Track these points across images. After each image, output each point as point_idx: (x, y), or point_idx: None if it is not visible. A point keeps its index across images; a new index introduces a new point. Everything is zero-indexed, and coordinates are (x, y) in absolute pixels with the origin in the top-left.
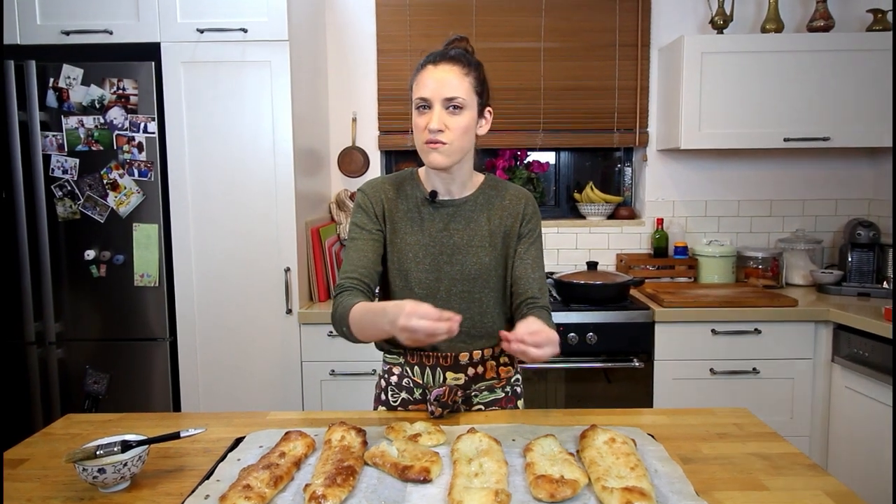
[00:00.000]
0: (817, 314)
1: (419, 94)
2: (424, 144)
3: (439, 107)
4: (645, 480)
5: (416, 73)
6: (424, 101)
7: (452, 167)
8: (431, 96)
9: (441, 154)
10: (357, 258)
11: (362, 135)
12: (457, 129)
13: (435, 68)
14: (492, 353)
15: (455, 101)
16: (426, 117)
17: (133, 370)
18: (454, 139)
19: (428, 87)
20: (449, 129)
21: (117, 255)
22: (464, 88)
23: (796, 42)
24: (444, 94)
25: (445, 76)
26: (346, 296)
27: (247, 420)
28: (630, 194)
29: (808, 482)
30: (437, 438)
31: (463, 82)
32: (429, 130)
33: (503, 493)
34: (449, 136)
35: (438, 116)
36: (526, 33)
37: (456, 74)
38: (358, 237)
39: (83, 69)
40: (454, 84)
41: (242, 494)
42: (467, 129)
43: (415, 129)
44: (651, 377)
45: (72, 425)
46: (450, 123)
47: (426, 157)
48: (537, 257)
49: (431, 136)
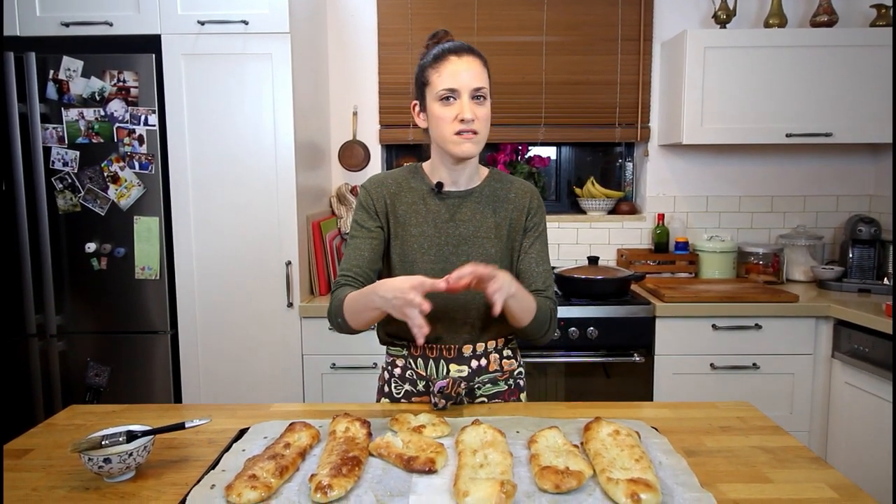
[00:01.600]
0: (818, 310)
1: (446, 85)
2: (455, 135)
3: (467, 97)
4: (650, 472)
5: (430, 63)
6: (452, 93)
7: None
8: (460, 87)
9: (473, 143)
10: (354, 256)
11: (363, 129)
12: (484, 119)
13: (459, 59)
14: (495, 346)
15: (481, 91)
16: (454, 108)
17: (134, 363)
18: (482, 129)
19: (456, 78)
20: (478, 118)
21: (118, 247)
22: (486, 79)
23: (799, 37)
24: (473, 84)
25: (471, 67)
26: (341, 290)
27: (250, 411)
28: (631, 189)
29: (811, 475)
30: (441, 430)
31: (484, 73)
32: (462, 121)
33: (509, 483)
34: (479, 125)
35: (469, 107)
36: (528, 27)
37: (479, 65)
38: (357, 235)
39: (83, 61)
40: (480, 74)
41: (248, 484)
42: (489, 119)
43: (439, 121)
44: (651, 372)
45: (75, 416)
46: (478, 113)
47: (457, 148)
48: (542, 251)
49: (466, 126)
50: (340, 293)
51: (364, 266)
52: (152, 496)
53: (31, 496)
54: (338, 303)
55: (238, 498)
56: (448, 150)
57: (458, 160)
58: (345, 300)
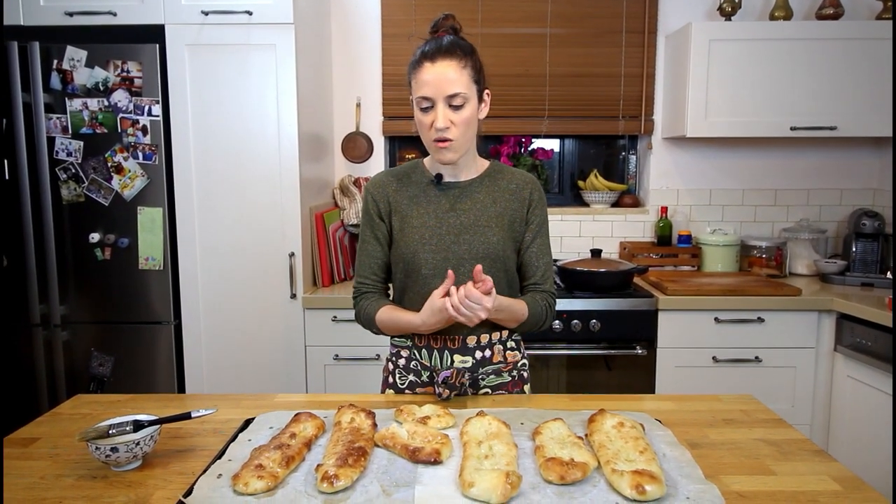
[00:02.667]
0: (820, 303)
1: (420, 93)
2: (433, 143)
3: (442, 105)
4: (654, 464)
5: (412, 68)
6: (427, 101)
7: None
8: (433, 95)
9: (450, 151)
10: (369, 264)
11: (366, 120)
12: (461, 124)
13: (433, 65)
14: (499, 337)
15: (457, 98)
16: (430, 116)
17: (138, 353)
18: (460, 134)
19: (429, 86)
20: (454, 124)
21: (122, 238)
22: (463, 82)
23: (805, 30)
24: (446, 91)
25: (444, 72)
26: (365, 299)
27: (255, 402)
28: (634, 182)
29: (814, 467)
30: (446, 421)
31: (462, 76)
32: (436, 129)
33: (514, 474)
34: (455, 132)
35: (443, 115)
36: (532, 19)
37: (454, 68)
38: (368, 240)
39: (87, 51)
40: (454, 79)
41: (255, 474)
42: (470, 122)
43: (420, 126)
44: (653, 365)
45: (80, 406)
46: (454, 119)
47: (436, 155)
48: (542, 244)
49: (440, 135)
50: (367, 306)
51: (380, 272)
52: (159, 485)
53: (39, 484)
54: (368, 317)
55: (245, 487)
56: (431, 154)
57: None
58: (376, 317)
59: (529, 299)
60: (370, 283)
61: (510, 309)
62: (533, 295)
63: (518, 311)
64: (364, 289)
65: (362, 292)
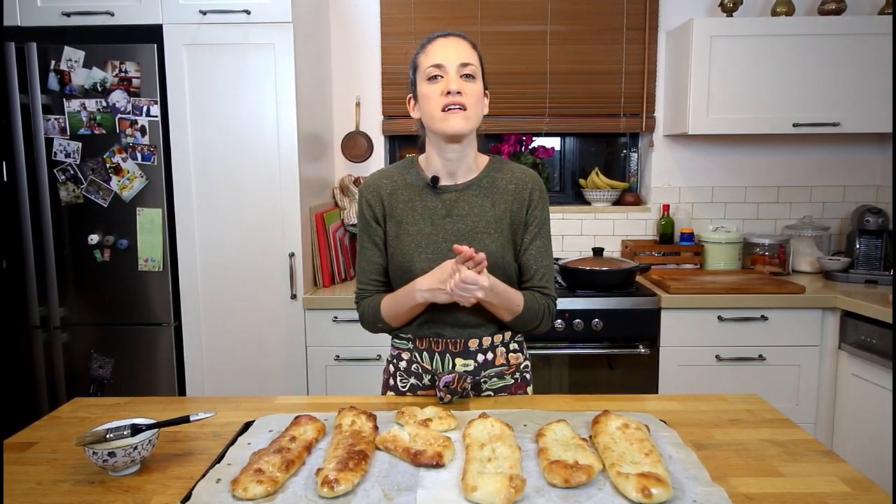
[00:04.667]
0: (824, 301)
1: (432, 61)
2: (442, 111)
3: (454, 72)
4: (660, 466)
5: (420, 50)
6: (439, 69)
7: (464, 141)
8: (446, 62)
9: (462, 118)
10: (369, 270)
11: (366, 119)
12: (473, 95)
13: (446, 39)
14: (501, 340)
15: (469, 68)
16: (441, 84)
17: (138, 355)
18: (472, 104)
19: (442, 54)
20: (466, 93)
21: (121, 239)
22: (475, 59)
23: (807, 25)
24: (460, 59)
25: (458, 45)
26: (369, 300)
27: (255, 404)
28: (636, 180)
29: (822, 468)
30: (448, 423)
31: (473, 54)
32: (448, 93)
33: (518, 478)
34: (468, 100)
35: (456, 80)
36: (532, 16)
37: (467, 45)
38: (366, 246)
39: (85, 52)
40: (467, 52)
41: (254, 478)
42: (480, 98)
43: (426, 100)
44: (656, 364)
45: (79, 409)
46: (466, 89)
47: (445, 124)
48: (542, 246)
49: (452, 99)
50: (371, 303)
51: (380, 277)
52: (157, 490)
53: (36, 490)
54: (373, 311)
55: (244, 492)
56: (437, 128)
57: (449, 139)
58: (380, 307)
59: (528, 294)
60: (372, 289)
61: (505, 295)
62: (532, 293)
63: (513, 300)
64: (366, 294)
65: (364, 296)
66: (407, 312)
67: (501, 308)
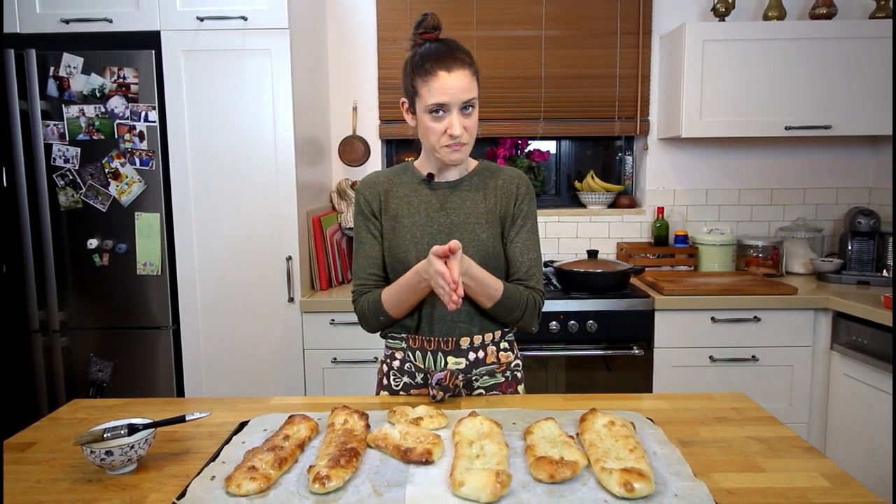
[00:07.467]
0: (817, 302)
1: (435, 100)
2: (444, 148)
3: (457, 111)
4: (643, 462)
5: (421, 74)
6: (442, 107)
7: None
8: (450, 102)
9: (462, 153)
10: (368, 265)
11: (363, 124)
12: (472, 128)
13: (449, 75)
14: (492, 338)
15: (470, 102)
16: (443, 122)
17: (137, 358)
18: (470, 138)
19: (446, 94)
20: (466, 130)
21: (120, 243)
22: (475, 87)
23: (799, 29)
24: (463, 98)
25: (460, 83)
26: (368, 295)
27: (250, 405)
28: (631, 183)
29: (804, 464)
30: (438, 422)
31: (473, 83)
32: (451, 136)
33: (504, 473)
34: (467, 136)
35: (458, 121)
36: (527, 21)
37: (468, 77)
38: (364, 241)
39: (83, 58)
40: (469, 86)
41: (248, 475)
42: (477, 124)
43: (428, 132)
44: (651, 365)
45: (78, 410)
46: (466, 125)
47: (447, 157)
48: (528, 239)
49: (455, 141)
50: (370, 297)
51: (379, 271)
52: (153, 488)
53: (35, 488)
54: (374, 304)
55: (237, 489)
56: (437, 157)
57: (446, 165)
58: (381, 298)
59: (509, 284)
60: (371, 284)
61: (482, 280)
62: (515, 284)
63: (490, 287)
64: (364, 290)
65: (362, 292)
66: (410, 296)
67: (480, 294)
